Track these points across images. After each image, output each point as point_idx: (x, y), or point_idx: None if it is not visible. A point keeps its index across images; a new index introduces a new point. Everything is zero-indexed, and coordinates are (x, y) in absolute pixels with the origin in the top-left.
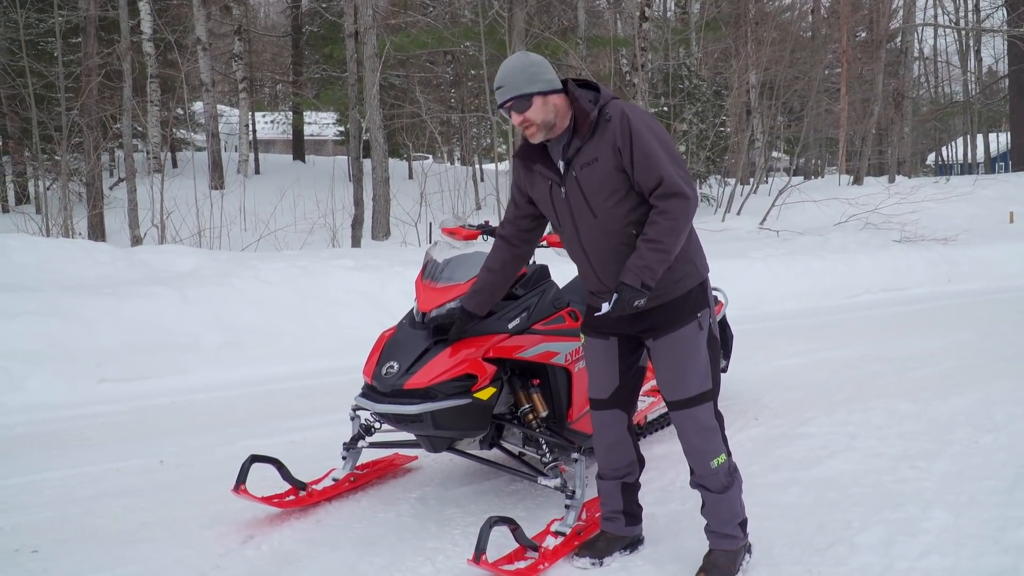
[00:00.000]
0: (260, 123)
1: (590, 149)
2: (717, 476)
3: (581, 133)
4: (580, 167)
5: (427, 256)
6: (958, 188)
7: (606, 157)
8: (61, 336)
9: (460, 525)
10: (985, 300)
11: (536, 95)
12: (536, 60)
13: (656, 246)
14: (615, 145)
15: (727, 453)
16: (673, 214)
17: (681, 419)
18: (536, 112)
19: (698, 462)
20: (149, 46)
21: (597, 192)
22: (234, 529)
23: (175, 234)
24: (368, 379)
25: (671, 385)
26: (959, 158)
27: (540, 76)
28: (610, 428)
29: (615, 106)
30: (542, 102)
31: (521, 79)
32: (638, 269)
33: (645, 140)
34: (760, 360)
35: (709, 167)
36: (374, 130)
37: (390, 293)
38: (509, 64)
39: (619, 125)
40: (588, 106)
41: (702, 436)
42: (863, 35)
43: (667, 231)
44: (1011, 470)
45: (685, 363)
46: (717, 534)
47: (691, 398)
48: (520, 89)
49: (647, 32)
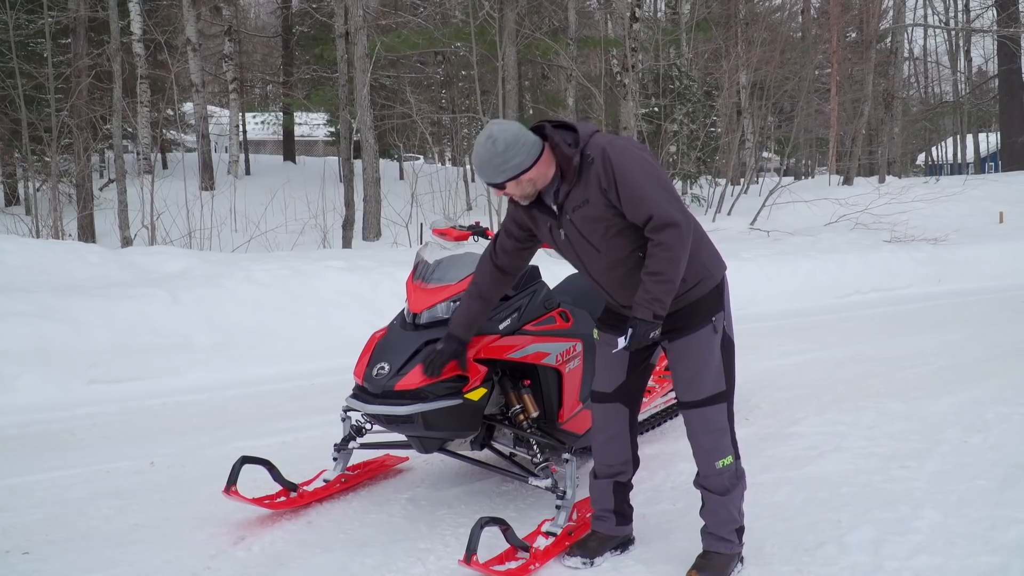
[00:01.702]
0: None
1: (579, 192)
2: (721, 477)
3: (568, 178)
4: (573, 209)
5: (418, 257)
6: (948, 188)
7: (595, 198)
8: (52, 337)
9: (451, 526)
10: (975, 300)
11: (507, 181)
12: (503, 147)
13: (659, 278)
14: (600, 186)
15: (735, 456)
16: (668, 245)
17: (692, 417)
18: (512, 190)
19: (703, 461)
20: (139, 47)
21: (594, 230)
22: (225, 530)
23: (165, 235)
24: (359, 380)
25: (685, 386)
26: (949, 158)
27: (508, 163)
28: (611, 422)
29: (595, 146)
30: (515, 184)
31: (491, 171)
32: (647, 303)
33: (629, 178)
34: (750, 360)
35: (700, 167)
36: (365, 131)
37: (381, 294)
38: (479, 153)
39: (601, 167)
40: (569, 151)
41: (710, 436)
42: (853, 35)
43: (666, 262)
44: (1001, 470)
45: (699, 365)
46: (713, 536)
47: (704, 399)
48: (492, 179)
49: (637, 32)
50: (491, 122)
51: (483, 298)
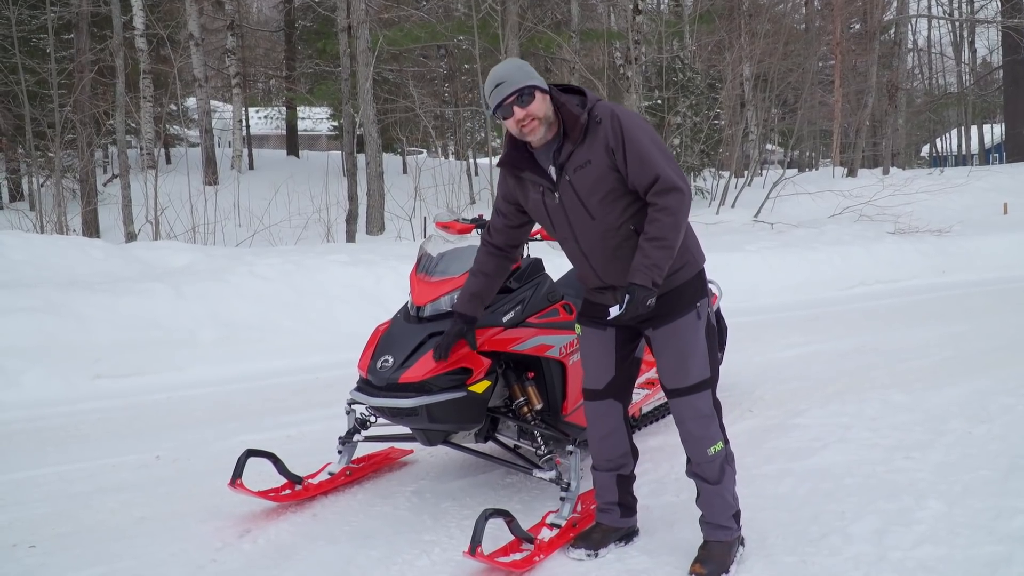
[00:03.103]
0: (254, 118)
1: (583, 152)
2: (713, 464)
3: (572, 137)
4: (573, 170)
5: (421, 250)
6: (952, 180)
7: (599, 159)
8: (57, 332)
9: (456, 518)
10: (979, 291)
11: (537, 88)
12: (525, 65)
13: (660, 243)
14: (608, 146)
15: (724, 441)
16: (672, 210)
17: (679, 406)
18: (538, 106)
19: (695, 449)
20: (142, 42)
21: (592, 193)
22: (231, 523)
23: (169, 230)
24: (363, 373)
25: (670, 373)
26: (953, 150)
27: (535, 75)
28: (604, 419)
29: (603, 108)
30: (542, 97)
31: (520, 75)
32: (646, 268)
33: (637, 139)
34: (754, 352)
35: (703, 160)
36: (368, 125)
37: (385, 287)
38: (504, 65)
39: (610, 127)
40: (577, 110)
41: (699, 423)
42: (857, 27)
43: (669, 227)
44: (1005, 460)
45: (684, 352)
46: (712, 525)
47: (690, 386)
48: (522, 82)
49: (640, 25)
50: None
51: (484, 274)
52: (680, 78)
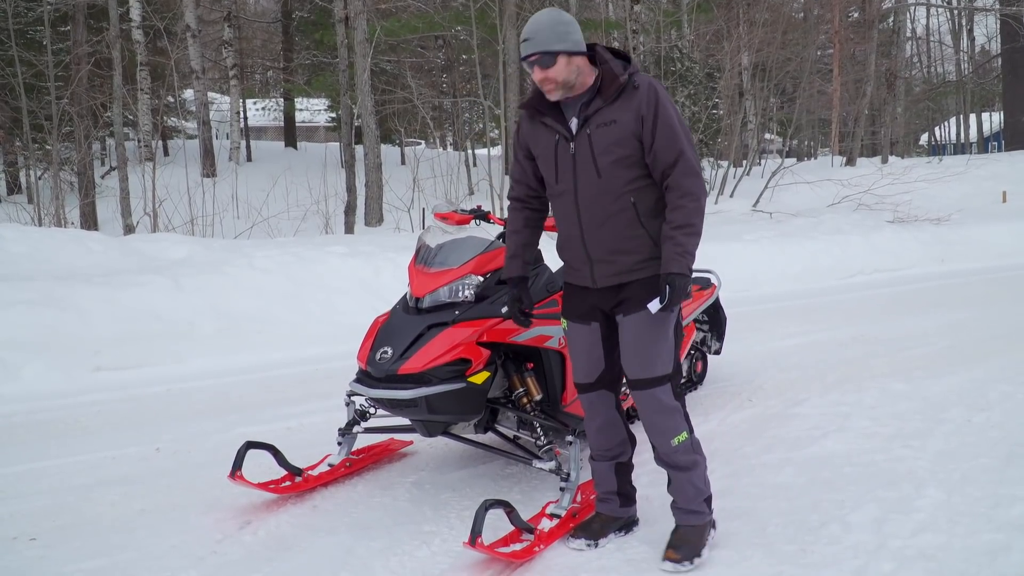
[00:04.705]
0: (251, 110)
1: (611, 111)
2: (679, 454)
3: (605, 95)
4: (596, 126)
5: (420, 241)
6: (951, 168)
7: (626, 121)
8: (56, 325)
9: (456, 509)
10: (978, 280)
11: (561, 54)
12: (567, 19)
13: (688, 230)
14: (639, 112)
15: (688, 431)
16: (695, 195)
17: (643, 398)
18: (559, 71)
19: (660, 440)
20: (138, 34)
21: (607, 152)
22: (231, 515)
23: (168, 222)
24: (362, 365)
25: (636, 363)
26: (952, 138)
27: (569, 35)
28: (599, 409)
29: (643, 78)
30: (566, 62)
31: (550, 36)
32: (679, 256)
33: (669, 115)
34: (754, 342)
35: (702, 150)
36: (366, 116)
37: (384, 279)
38: (540, 18)
39: (646, 94)
40: (619, 69)
41: (663, 415)
42: (855, 15)
43: (693, 212)
44: (1004, 448)
45: (652, 343)
46: (683, 510)
47: (654, 378)
48: (547, 46)
49: (638, 14)
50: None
51: (515, 232)
52: (678, 68)
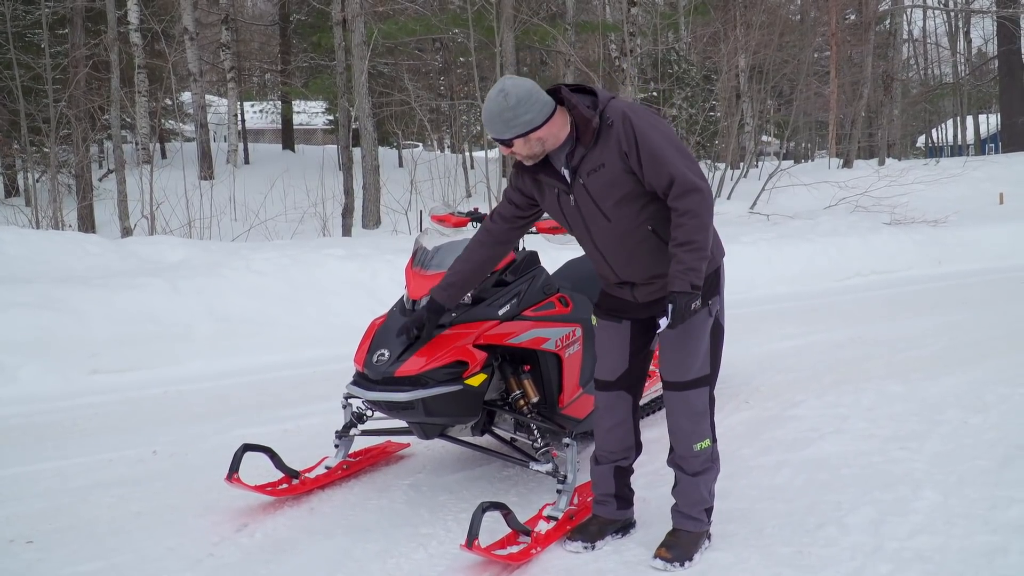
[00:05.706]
0: (249, 113)
1: (595, 156)
2: (697, 459)
3: (584, 141)
4: (587, 174)
5: (417, 244)
6: (948, 170)
7: (612, 162)
8: (53, 327)
9: (453, 511)
10: (975, 281)
11: (515, 138)
12: (514, 101)
13: (691, 247)
14: (621, 149)
15: (712, 439)
16: (695, 212)
17: (674, 400)
18: (519, 148)
19: (681, 442)
20: (136, 36)
21: (607, 196)
22: (228, 517)
23: (165, 225)
24: (359, 367)
25: (671, 366)
26: (949, 140)
27: (517, 119)
28: (614, 410)
29: (615, 109)
30: (523, 142)
31: (501, 127)
32: (682, 274)
33: (650, 140)
34: (751, 344)
35: (699, 152)
36: (363, 118)
37: (381, 281)
38: (488, 107)
39: (622, 129)
40: (588, 112)
41: (691, 419)
42: (852, 17)
43: (696, 229)
44: (1001, 450)
45: (688, 347)
46: (683, 515)
47: (688, 381)
48: (500, 135)
49: (635, 17)
50: (505, 77)
51: (469, 263)
52: (676, 70)
